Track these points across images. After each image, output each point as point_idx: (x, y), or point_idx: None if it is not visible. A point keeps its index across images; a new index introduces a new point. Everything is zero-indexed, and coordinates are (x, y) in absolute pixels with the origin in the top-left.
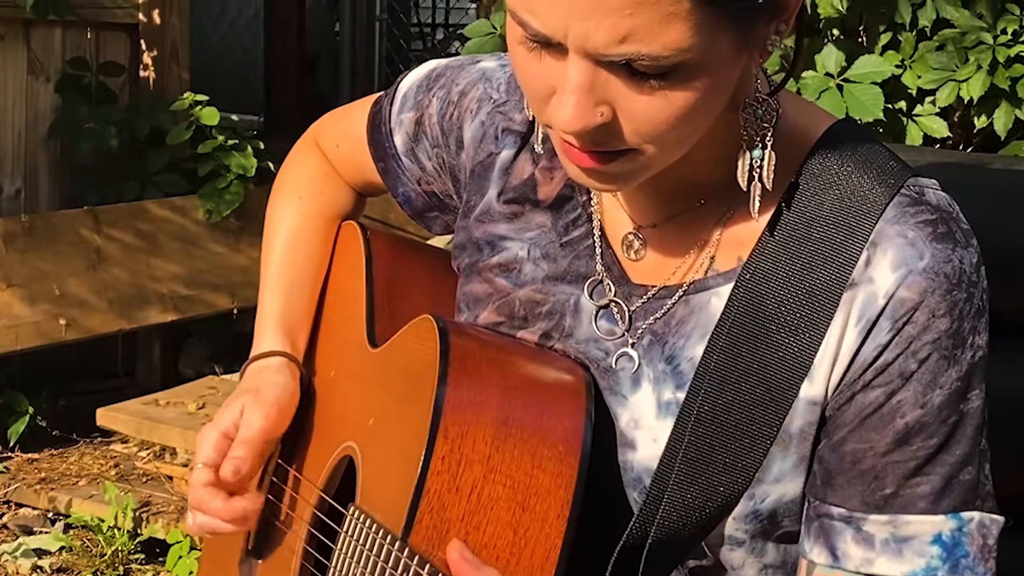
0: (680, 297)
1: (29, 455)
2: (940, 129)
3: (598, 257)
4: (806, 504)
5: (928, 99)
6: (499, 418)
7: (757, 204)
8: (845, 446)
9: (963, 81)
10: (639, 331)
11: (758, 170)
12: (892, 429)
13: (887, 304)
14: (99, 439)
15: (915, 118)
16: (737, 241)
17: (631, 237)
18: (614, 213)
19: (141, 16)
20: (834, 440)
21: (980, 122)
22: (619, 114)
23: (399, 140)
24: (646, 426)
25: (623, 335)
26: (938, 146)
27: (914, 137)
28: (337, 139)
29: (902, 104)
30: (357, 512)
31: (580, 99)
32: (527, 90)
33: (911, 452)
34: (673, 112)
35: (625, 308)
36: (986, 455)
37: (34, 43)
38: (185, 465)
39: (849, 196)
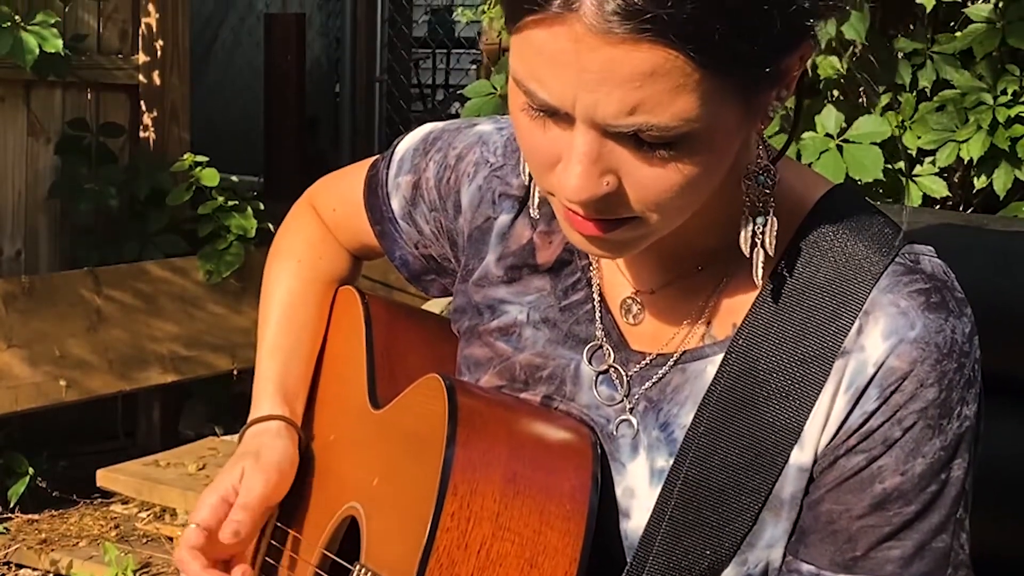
0: (675, 364)
1: (29, 516)
2: (940, 189)
3: (597, 322)
4: (781, 559)
5: (928, 159)
6: (507, 476)
7: (760, 271)
8: (821, 505)
9: (963, 142)
10: (636, 397)
11: (760, 236)
12: (870, 494)
13: (876, 372)
14: (99, 500)
15: (915, 178)
16: (733, 308)
17: (630, 302)
18: (613, 277)
19: (141, 77)
20: (812, 498)
21: (980, 182)
22: (625, 183)
23: (396, 204)
24: (640, 495)
25: (622, 401)
26: (938, 206)
27: (914, 197)
28: (334, 203)
29: (902, 164)
30: (363, 570)
31: (587, 168)
32: (530, 158)
33: (887, 518)
34: (679, 181)
35: (623, 374)
36: (963, 524)
37: (34, 104)
38: (185, 526)
39: (844, 264)
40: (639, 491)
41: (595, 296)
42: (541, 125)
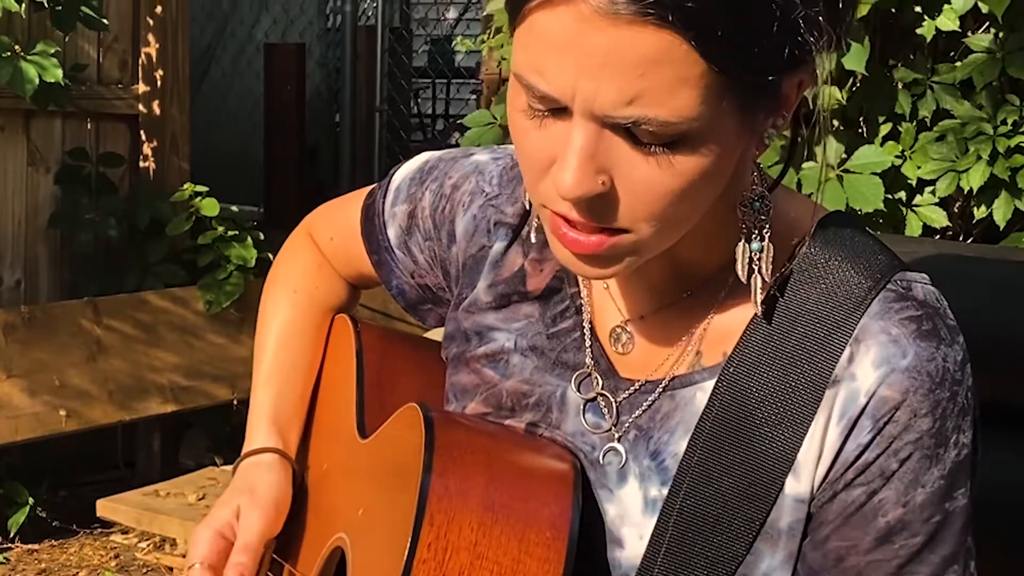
0: (664, 391)
1: (29, 546)
2: (940, 219)
3: (586, 349)
4: None
5: (928, 189)
6: (485, 504)
7: (759, 297)
8: (828, 544)
9: (963, 172)
10: (625, 425)
11: (757, 263)
12: (874, 528)
13: (868, 402)
14: (99, 530)
15: (915, 208)
16: (723, 335)
17: (619, 330)
18: (603, 305)
19: (141, 107)
20: (817, 538)
21: (980, 212)
22: (618, 185)
23: (392, 233)
24: (632, 523)
25: (610, 429)
26: (938, 236)
27: (914, 227)
28: (331, 232)
29: (902, 194)
30: None
31: (582, 163)
32: (525, 163)
33: (893, 551)
34: (673, 185)
35: (612, 402)
36: (972, 553)
37: (34, 134)
38: (185, 556)
39: (835, 290)
40: (632, 519)
41: (584, 324)
42: (538, 124)
